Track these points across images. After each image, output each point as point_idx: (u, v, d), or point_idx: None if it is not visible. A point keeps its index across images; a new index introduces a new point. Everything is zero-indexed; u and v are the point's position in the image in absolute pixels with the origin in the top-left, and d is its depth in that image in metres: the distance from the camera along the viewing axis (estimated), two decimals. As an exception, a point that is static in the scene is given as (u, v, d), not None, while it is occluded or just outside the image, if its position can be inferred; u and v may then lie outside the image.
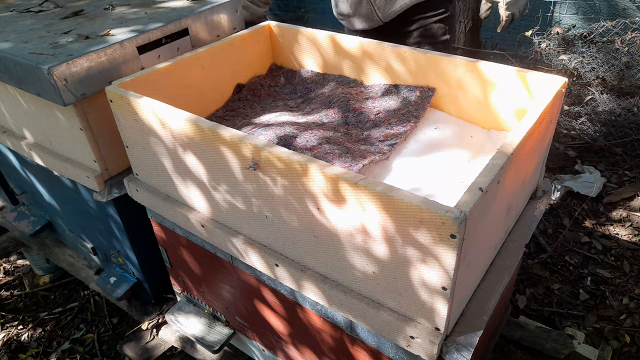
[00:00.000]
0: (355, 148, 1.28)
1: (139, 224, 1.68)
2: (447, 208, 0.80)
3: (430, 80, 1.48)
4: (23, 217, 2.18)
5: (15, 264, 2.60)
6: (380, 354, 1.14)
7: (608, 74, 3.33)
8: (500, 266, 1.19)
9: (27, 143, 1.71)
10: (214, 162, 1.14)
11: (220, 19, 1.70)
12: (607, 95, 3.26)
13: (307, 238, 1.07)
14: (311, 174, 0.95)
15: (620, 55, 3.36)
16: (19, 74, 1.40)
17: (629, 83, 3.28)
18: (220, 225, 1.27)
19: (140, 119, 1.23)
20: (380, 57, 1.55)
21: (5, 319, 2.28)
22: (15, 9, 1.78)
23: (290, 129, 1.34)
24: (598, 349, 1.89)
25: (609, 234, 2.48)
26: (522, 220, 1.32)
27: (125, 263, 1.91)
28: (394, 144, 1.30)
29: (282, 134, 1.32)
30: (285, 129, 1.34)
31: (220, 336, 1.60)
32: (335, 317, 1.18)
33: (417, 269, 0.90)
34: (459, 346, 0.99)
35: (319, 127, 1.37)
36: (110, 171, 1.55)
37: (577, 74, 3.42)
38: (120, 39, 1.44)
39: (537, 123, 1.07)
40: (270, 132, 1.33)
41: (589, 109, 3.25)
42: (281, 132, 1.33)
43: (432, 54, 1.44)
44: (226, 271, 1.44)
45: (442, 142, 1.34)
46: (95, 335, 2.14)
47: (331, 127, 1.40)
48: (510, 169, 0.99)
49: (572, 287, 2.22)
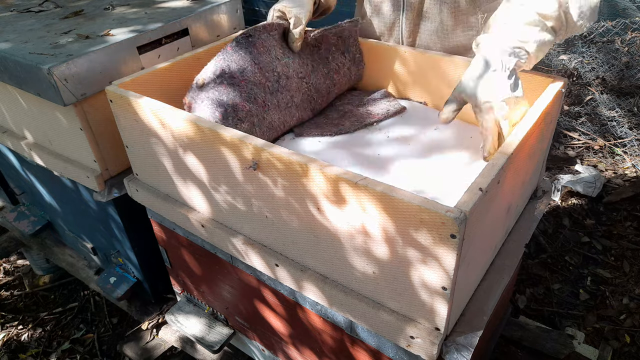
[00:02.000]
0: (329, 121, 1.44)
1: (139, 224, 1.68)
2: (447, 208, 0.80)
3: (430, 80, 1.48)
4: (23, 217, 2.18)
5: (15, 264, 2.60)
6: (381, 354, 1.14)
7: (608, 74, 3.33)
8: (500, 266, 1.19)
9: (27, 143, 1.71)
10: (214, 162, 1.14)
11: (220, 19, 1.70)
12: (607, 95, 3.26)
13: (307, 238, 1.07)
14: (311, 174, 0.95)
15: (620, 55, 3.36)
16: (19, 74, 1.40)
17: (629, 83, 3.28)
18: (221, 225, 1.27)
19: (140, 119, 1.23)
20: (380, 57, 1.55)
21: (5, 319, 2.28)
22: (15, 9, 1.78)
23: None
24: (598, 349, 1.89)
25: (609, 234, 2.48)
26: (522, 220, 1.32)
27: (125, 263, 1.91)
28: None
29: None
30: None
31: (220, 336, 1.60)
32: (336, 318, 1.18)
33: (417, 269, 0.90)
34: (459, 346, 0.99)
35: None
36: (110, 171, 1.55)
37: (577, 74, 3.43)
38: (120, 39, 1.44)
39: (537, 123, 1.07)
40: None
41: (589, 109, 3.25)
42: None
43: (432, 54, 1.44)
44: (226, 271, 1.44)
45: (441, 143, 1.34)
46: (95, 335, 2.14)
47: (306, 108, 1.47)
48: (510, 169, 0.99)
49: (572, 287, 2.22)
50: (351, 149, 1.33)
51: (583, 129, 3.17)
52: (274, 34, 1.36)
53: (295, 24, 1.35)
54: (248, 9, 4.28)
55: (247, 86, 1.27)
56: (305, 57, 1.45)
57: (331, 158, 1.28)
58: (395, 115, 1.47)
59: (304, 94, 1.43)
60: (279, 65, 1.35)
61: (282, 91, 1.36)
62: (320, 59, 1.50)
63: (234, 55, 1.28)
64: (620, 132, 3.08)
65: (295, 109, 1.41)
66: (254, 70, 1.29)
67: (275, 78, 1.34)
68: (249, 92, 1.27)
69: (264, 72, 1.31)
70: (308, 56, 1.46)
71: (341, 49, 1.54)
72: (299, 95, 1.42)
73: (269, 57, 1.33)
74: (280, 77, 1.35)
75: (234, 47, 1.28)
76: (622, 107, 3.18)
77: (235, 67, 1.27)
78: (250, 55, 1.29)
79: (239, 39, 1.30)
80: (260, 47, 1.31)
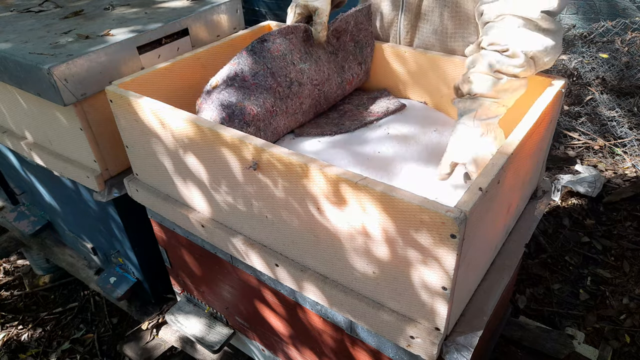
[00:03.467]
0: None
1: (139, 224, 1.68)
2: (447, 208, 0.80)
3: (430, 80, 1.48)
4: (23, 217, 2.18)
5: (15, 264, 2.60)
6: (381, 354, 1.14)
7: (608, 74, 3.33)
8: (500, 266, 1.19)
9: (27, 143, 1.71)
10: (214, 163, 1.14)
11: (220, 19, 1.70)
12: (607, 95, 3.26)
13: (307, 238, 1.07)
14: (311, 175, 0.95)
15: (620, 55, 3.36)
16: (19, 74, 1.40)
17: (629, 83, 3.28)
18: (221, 225, 1.27)
19: (140, 119, 1.23)
20: (379, 57, 1.55)
21: (5, 319, 2.28)
22: (15, 9, 1.78)
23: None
24: (598, 349, 1.89)
25: (609, 234, 2.48)
26: (522, 220, 1.32)
27: (125, 263, 1.91)
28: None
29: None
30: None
31: (220, 336, 1.60)
32: (336, 318, 1.18)
33: (417, 269, 0.90)
34: (459, 346, 0.99)
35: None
36: (110, 171, 1.55)
37: (577, 74, 3.43)
38: (120, 39, 1.44)
39: (537, 123, 1.07)
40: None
41: (589, 109, 3.25)
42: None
43: (432, 54, 1.44)
44: (226, 271, 1.44)
45: (441, 144, 1.34)
46: (95, 335, 2.14)
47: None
48: (510, 169, 0.99)
49: (572, 287, 2.22)
50: (351, 148, 1.33)
51: (583, 129, 3.17)
52: (291, 37, 1.36)
53: (320, 14, 1.39)
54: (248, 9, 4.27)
55: (258, 90, 1.27)
56: (323, 64, 1.44)
57: (331, 158, 1.28)
58: (395, 112, 1.47)
59: (313, 99, 1.43)
60: (293, 70, 1.34)
61: (293, 98, 1.36)
62: (337, 67, 1.49)
63: (248, 59, 1.28)
64: (620, 132, 3.07)
65: (301, 115, 1.41)
66: (265, 75, 1.28)
67: (287, 84, 1.33)
68: (258, 96, 1.27)
69: (276, 77, 1.30)
70: (325, 63, 1.45)
71: (358, 58, 1.53)
72: (308, 102, 1.41)
73: (284, 62, 1.32)
74: (292, 83, 1.34)
75: (249, 51, 1.28)
76: (622, 107, 3.18)
77: (247, 71, 1.27)
78: (264, 60, 1.29)
79: (255, 43, 1.29)
80: (274, 52, 1.31)
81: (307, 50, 1.41)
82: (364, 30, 1.52)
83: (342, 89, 1.51)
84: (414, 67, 1.50)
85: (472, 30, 1.42)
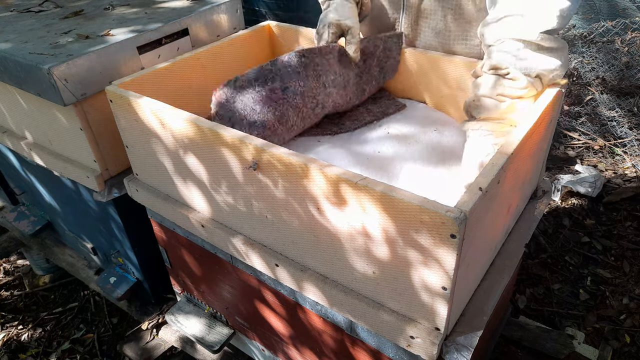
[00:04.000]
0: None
1: (139, 224, 1.68)
2: (447, 208, 0.80)
3: (431, 80, 1.48)
4: (23, 217, 2.18)
5: (15, 264, 2.60)
6: (381, 354, 1.14)
7: (608, 74, 3.33)
8: (500, 266, 1.19)
9: (27, 143, 1.71)
10: (214, 163, 1.14)
11: (220, 19, 1.70)
12: (607, 95, 3.26)
13: (307, 238, 1.07)
14: (311, 175, 0.95)
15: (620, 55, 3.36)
16: (19, 74, 1.40)
17: (629, 83, 3.28)
18: (221, 225, 1.27)
19: (140, 119, 1.23)
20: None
21: (5, 319, 2.28)
22: (15, 9, 1.79)
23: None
24: (598, 349, 1.89)
25: (609, 234, 2.48)
26: (522, 220, 1.32)
27: (125, 263, 1.91)
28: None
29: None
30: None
31: (220, 336, 1.60)
32: (336, 318, 1.18)
33: (417, 269, 0.90)
34: (459, 346, 0.99)
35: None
36: (110, 171, 1.55)
37: (577, 74, 3.43)
38: (120, 39, 1.44)
39: (537, 123, 1.07)
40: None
41: (589, 109, 3.25)
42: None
43: (432, 54, 1.44)
44: (226, 271, 1.44)
45: (441, 143, 1.34)
46: (95, 335, 2.14)
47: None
48: (510, 169, 0.99)
49: (572, 287, 2.22)
50: (351, 148, 1.33)
51: (583, 129, 3.17)
52: (329, 57, 1.34)
53: (353, 33, 1.41)
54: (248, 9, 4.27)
55: (284, 106, 1.26)
56: (350, 87, 1.44)
57: (331, 157, 1.28)
58: (395, 112, 1.47)
59: (326, 116, 1.43)
60: (322, 93, 1.33)
61: (313, 118, 1.35)
62: (359, 90, 1.49)
63: (283, 70, 1.26)
64: (620, 132, 3.07)
65: (309, 127, 1.41)
66: (295, 93, 1.27)
67: (312, 106, 1.32)
68: (284, 113, 1.26)
69: (304, 97, 1.29)
70: (352, 86, 1.45)
71: (380, 83, 1.54)
72: (322, 118, 1.42)
73: (316, 83, 1.31)
74: (317, 106, 1.33)
75: (285, 63, 1.27)
76: (622, 107, 3.18)
77: (279, 82, 1.26)
78: (297, 77, 1.27)
79: (292, 56, 1.27)
80: (310, 71, 1.29)
81: (341, 72, 1.39)
82: (392, 59, 1.51)
83: (355, 107, 1.52)
84: (414, 67, 1.50)
85: (474, 32, 1.42)
